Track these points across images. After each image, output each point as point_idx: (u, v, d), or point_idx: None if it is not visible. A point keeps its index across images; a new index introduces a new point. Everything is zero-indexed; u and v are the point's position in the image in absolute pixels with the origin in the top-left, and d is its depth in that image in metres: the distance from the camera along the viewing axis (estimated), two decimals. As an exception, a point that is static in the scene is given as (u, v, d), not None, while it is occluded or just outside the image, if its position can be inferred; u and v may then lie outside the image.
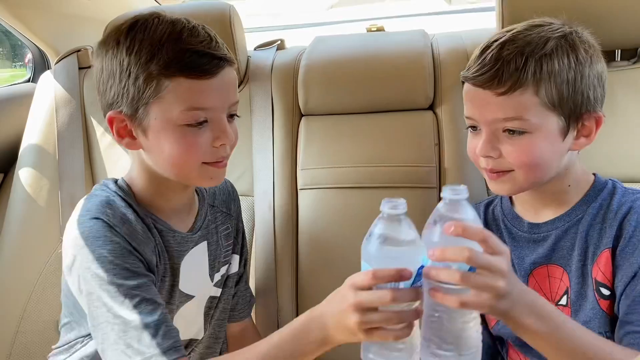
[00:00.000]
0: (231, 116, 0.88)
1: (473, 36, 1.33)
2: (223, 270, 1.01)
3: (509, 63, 0.80)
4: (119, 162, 1.35)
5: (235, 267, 1.06)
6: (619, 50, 1.20)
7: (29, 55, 1.73)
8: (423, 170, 1.20)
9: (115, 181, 0.90)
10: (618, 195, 0.87)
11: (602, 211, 0.87)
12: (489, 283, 0.65)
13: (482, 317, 0.97)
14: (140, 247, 0.82)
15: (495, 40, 0.84)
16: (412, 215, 1.16)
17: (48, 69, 1.62)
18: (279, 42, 1.46)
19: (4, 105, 1.48)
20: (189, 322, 0.96)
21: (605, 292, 0.84)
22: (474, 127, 0.88)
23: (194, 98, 0.81)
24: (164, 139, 0.82)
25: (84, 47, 1.45)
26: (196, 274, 0.95)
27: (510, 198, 0.98)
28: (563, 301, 0.89)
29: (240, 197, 1.27)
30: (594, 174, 0.92)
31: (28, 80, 1.67)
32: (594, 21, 1.09)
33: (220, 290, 1.01)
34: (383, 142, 1.23)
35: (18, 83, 1.67)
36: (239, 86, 1.32)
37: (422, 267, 0.67)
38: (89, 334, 0.85)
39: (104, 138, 1.38)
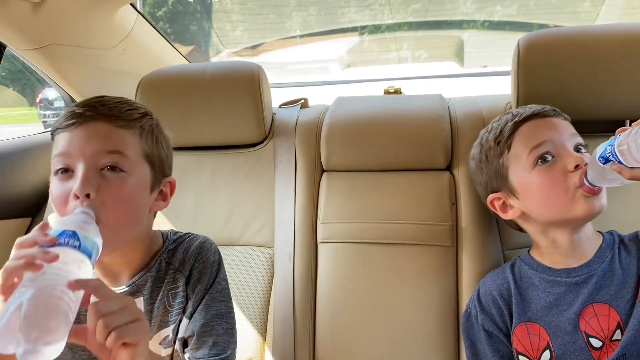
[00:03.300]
0: (110, 169, 0.88)
1: (487, 101, 1.39)
2: (169, 330, 0.96)
3: None
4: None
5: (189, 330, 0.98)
6: (629, 121, 1.26)
7: (41, 95, 1.80)
8: (440, 229, 1.23)
9: None
10: (627, 235, 1.03)
11: (624, 246, 1.00)
12: None
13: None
14: None
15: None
16: (428, 272, 1.21)
17: (79, 117, 1.69)
18: (303, 100, 1.53)
19: (35, 151, 1.54)
20: None
21: None
22: (544, 159, 0.99)
23: (57, 147, 0.90)
24: None
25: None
26: None
27: (530, 255, 1.07)
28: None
29: (260, 247, 1.32)
30: None
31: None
32: (604, 92, 1.17)
33: (166, 350, 0.97)
34: (401, 199, 1.27)
35: (49, 131, 1.74)
36: (263, 141, 1.39)
37: None
38: None
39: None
